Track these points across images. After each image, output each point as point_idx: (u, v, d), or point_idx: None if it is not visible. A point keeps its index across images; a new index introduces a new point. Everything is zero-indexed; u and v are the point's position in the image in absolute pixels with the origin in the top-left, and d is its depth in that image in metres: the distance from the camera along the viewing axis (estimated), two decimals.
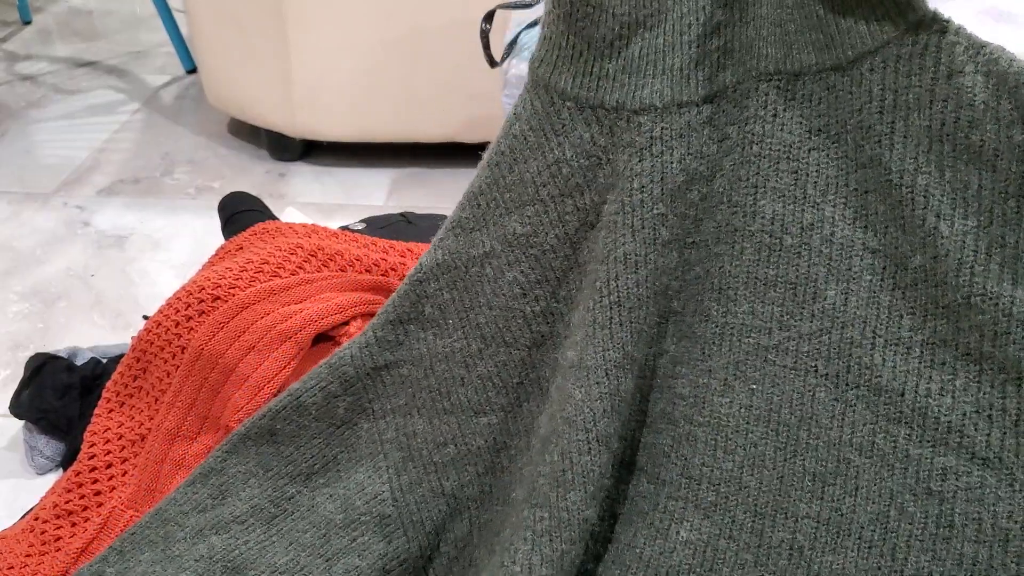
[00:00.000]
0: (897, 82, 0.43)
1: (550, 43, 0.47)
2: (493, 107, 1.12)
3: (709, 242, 0.47)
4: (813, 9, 0.43)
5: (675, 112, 0.45)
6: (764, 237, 0.45)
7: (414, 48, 1.18)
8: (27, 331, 0.96)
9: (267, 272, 0.76)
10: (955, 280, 0.40)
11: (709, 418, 0.47)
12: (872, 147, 0.43)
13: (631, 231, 0.45)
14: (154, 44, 1.80)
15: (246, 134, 1.40)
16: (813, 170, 0.45)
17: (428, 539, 0.52)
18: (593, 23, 0.45)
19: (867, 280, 0.44)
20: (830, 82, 0.44)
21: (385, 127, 1.26)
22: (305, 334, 0.71)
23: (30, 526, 0.68)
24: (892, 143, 0.42)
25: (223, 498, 0.53)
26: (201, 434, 0.72)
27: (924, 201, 0.41)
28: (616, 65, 0.45)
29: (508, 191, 0.49)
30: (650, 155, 0.44)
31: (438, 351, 0.51)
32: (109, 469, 0.71)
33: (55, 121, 1.48)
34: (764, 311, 0.46)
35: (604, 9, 0.44)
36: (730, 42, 0.44)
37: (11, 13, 1.97)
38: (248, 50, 1.23)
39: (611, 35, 0.44)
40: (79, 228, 1.16)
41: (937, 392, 0.41)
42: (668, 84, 0.45)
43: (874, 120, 0.43)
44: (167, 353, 0.73)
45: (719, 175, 0.46)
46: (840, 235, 0.44)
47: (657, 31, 0.44)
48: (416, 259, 0.84)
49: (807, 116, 0.45)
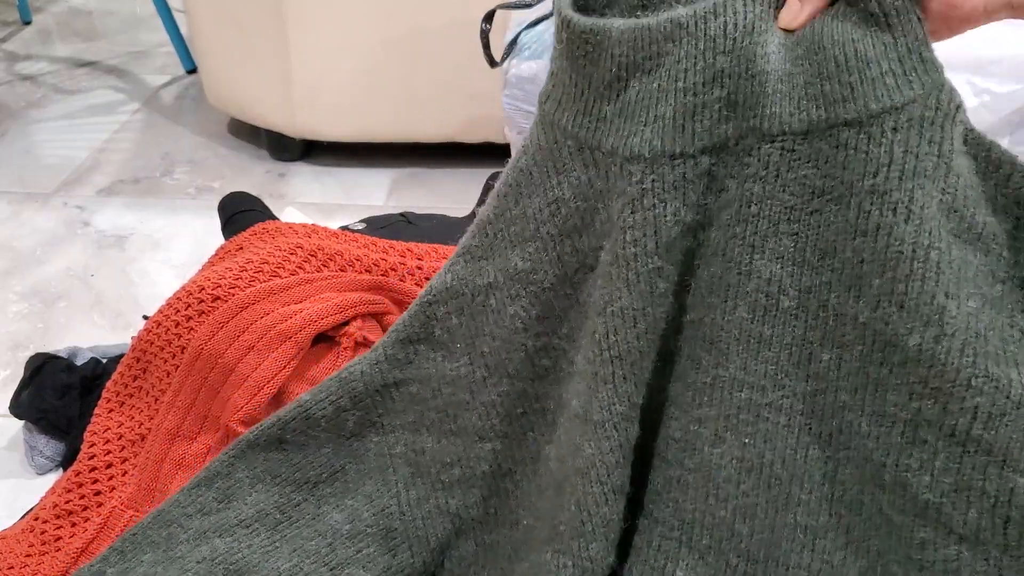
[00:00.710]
0: (920, 146, 0.40)
1: (555, 79, 0.45)
2: (493, 107, 1.12)
3: (703, 289, 0.45)
4: (831, 55, 0.40)
5: (667, 164, 0.42)
6: (760, 297, 0.44)
7: (414, 48, 1.18)
8: (27, 331, 0.96)
9: (267, 272, 0.76)
10: (957, 360, 0.39)
11: (700, 465, 0.46)
12: (884, 215, 0.40)
13: (627, 285, 0.43)
14: (154, 44, 1.80)
15: (246, 134, 1.40)
16: (813, 233, 0.42)
17: (432, 555, 0.52)
18: (592, 62, 0.43)
19: (858, 350, 0.42)
20: (842, 139, 0.41)
21: (385, 127, 1.26)
22: (305, 334, 0.71)
23: (30, 526, 0.68)
24: (910, 213, 0.39)
25: (228, 502, 0.53)
26: (201, 434, 0.72)
27: (935, 278, 0.39)
28: (613, 108, 0.43)
29: (513, 224, 0.48)
30: (642, 207, 0.42)
31: (445, 374, 0.51)
32: (109, 469, 0.71)
33: (55, 121, 1.48)
34: (757, 368, 0.45)
35: (603, 49, 0.42)
36: (733, 94, 0.41)
37: (11, 13, 1.97)
38: (248, 50, 1.23)
39: (609, 76, 0.42)
40: (79, 228, 1.16)
41: (916, 468, 0.41)
42: (659, 134, 0.42)
43: (892, 186, 0.40)
44: (167, 353, 0.73)
45: (715, 226, 0.44)
46: (834, 302, 0.42)
47: (653, 75, 0.41)
48: (416, 259, 0.84)
49: (811, 176, 0.42)
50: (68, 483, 0.70)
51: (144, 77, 1.65)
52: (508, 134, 1.09)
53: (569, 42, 0.43)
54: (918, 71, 0.40)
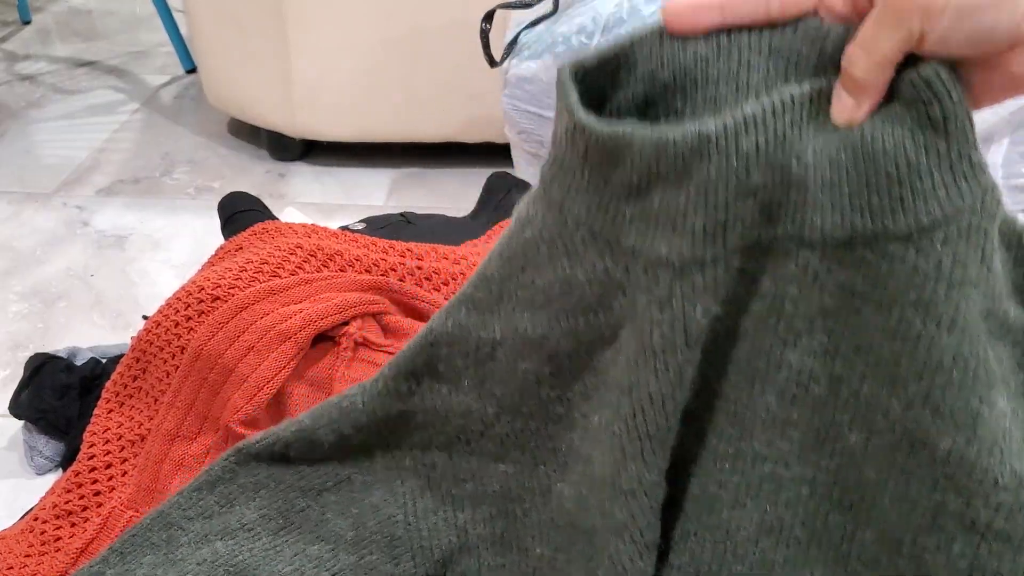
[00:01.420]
0: (968, 255, 0.37)
1: (561, 166, 0.41)
2: (493, 107, 1.12)
3: (729, 368, 0.43)
4: (882, 166, 0.37)
5: (697, 270, 0.39)
6: (790, 385, 0.42)
7: (414, 48, 1.18)
8: (27, 331, 0.96)
9: (267, 272, 0.76)
10: (986, 461, 0.38)
11: (718, 524, 0.46)
12: (927, 326, 0.38)
13: (655, 373, 0.41)
14: (154, 44, 1.80)
15: (246, 134, 1.40)
16: (850, 332, 0.40)
17: (435, 568, 0.51)
18: (610, 166, 0.39)
19: (887, 437, 0.41)
20: (889, 250, 0.38)
21: (385, 127, 1.26)
22: (305, 334, 0.71)
23: (29, 526, 0.68)
24: (953, 324, 0.38)
25: (231, 506, 0.53)
26: (201, 434, 0.72)
27: (971, 386, 0.38)
28: (634, 210, 0.39)
29: (520, 289, 0.45)
30: (670, 308, 0.39)
31: (453, 407, 0.49)
32: (109, 469, 0.71)
33: (55, 121, 1.48)
34: (782, 445, 0.43)
35: (623, 157, 0.38)
36: (768, 204, 0.38)
37: (11, 13, 1.96)
38: (248, 50, 1.23)
39: (628, 180, 0.39)
40: (79, 228, 1.16)
41: (934, 548, 0.41)
42: (688, 242, 0.38)
43: (939, 299, 0.37)
44: (167, 353, 0.73)
45: (747, 313, 0.42)
46: (866, 392, 0.41)
47: (680, 189, 0.38)
48: (416, 259, 0.84)
49: (852, 281, 0.39)
50: (67, 483, 0.70)
51: (144, 77, 1.65)
52: (508, 134, 1.09)
53: (583, 146, 0.39)
54: (968, 178, 0.37)
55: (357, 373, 0.72)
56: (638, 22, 0.90)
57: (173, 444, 0.71)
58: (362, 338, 0.74)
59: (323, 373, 0.72)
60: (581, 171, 0.41)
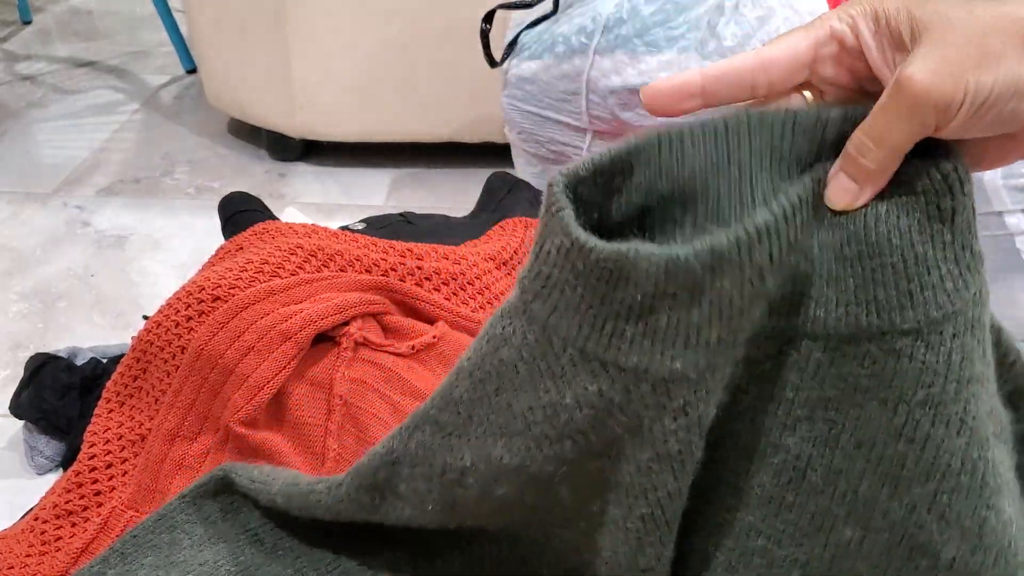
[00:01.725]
0: (974, 350, 0.36)
1: (547, 282, 0.38)
2: (493, 107, 1.12)
3: (727, 444, 0.42)
4: (887, 260, 0.35)
5: (710, 375, 0.37)
6: (786, 468, 0.41)
7: (414, 48, 1.18)
8: (27, 331, 0.96)
9: (267, 272, 0.76)
10: (990, 571, 0.37)
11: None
12: (936, 427, 0.36)
13: (672, 474, 0.39)
14: (154, 44, 1.80)
15: (246, 134, 1.40)
16: (851, 424, 0.38)
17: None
18: (611, 287, 0.36)
19: (884, 537, 0.39)
20: (896, 346, 0.36)
21: (385, 127, 1.26)
22: (305, 334, 0.71)
23: (30, 526, 0.68)
24: (962, 425, 0.36)
25: (236, 515, 0.54)
26: (201, 434, 0.72)
27: (979, 491, 0.37)
28: (638, 330, 0.36)
29: (493, 413, 0.41)
30: (684, 415, 0.37)
31: (415, 519, 0.46)
32: (109, 469, 0.71)
33: (55, 121, 1.48)
34: (776, 524, 0.42)
35: (627, 278, 0.35)
36: (776, 301, 0.37)
37: (11, 13, 1.97)
38: (248, 50, 1.23)
39: (630, 300, 0.36)
40: (79, 228, 1.16)
41: None
42: (704, 355, 0.36)
43: (948, 398, 0.36)
44: (167, 353, 0.73)
45: (748, 393, 0.41)
46: (865, 490, 0.39)
47: (692, 307, 0.35)
48: (416, 259, 0.84)
49: (856, 375, 0.38)
50: (68, 483, 0.70)
51: (144, 77, 1.65)
52: (508, 134, 1.09)
53: (580, 265, 0.36)
54: (971, 268, 0.36)
55: (357, 373, 0.72)
56: (638, 22, 0.90)
57: (174, 444, 0.71)
58: (362, 338, 0.74)
59: (323, 373, 0.72)
60: (573, 289, 0.37)
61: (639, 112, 0.93)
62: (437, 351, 0.77)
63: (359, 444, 0.71)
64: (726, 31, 0.90)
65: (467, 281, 0.85)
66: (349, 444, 0.71)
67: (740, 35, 0.90)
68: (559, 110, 0.99)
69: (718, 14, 0.90)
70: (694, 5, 0.89)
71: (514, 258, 0.91)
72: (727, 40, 0.90)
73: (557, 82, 0.97)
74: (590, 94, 0.95)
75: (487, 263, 0.88)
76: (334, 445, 0.70)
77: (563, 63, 0.95)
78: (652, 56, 0.90)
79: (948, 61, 0.31)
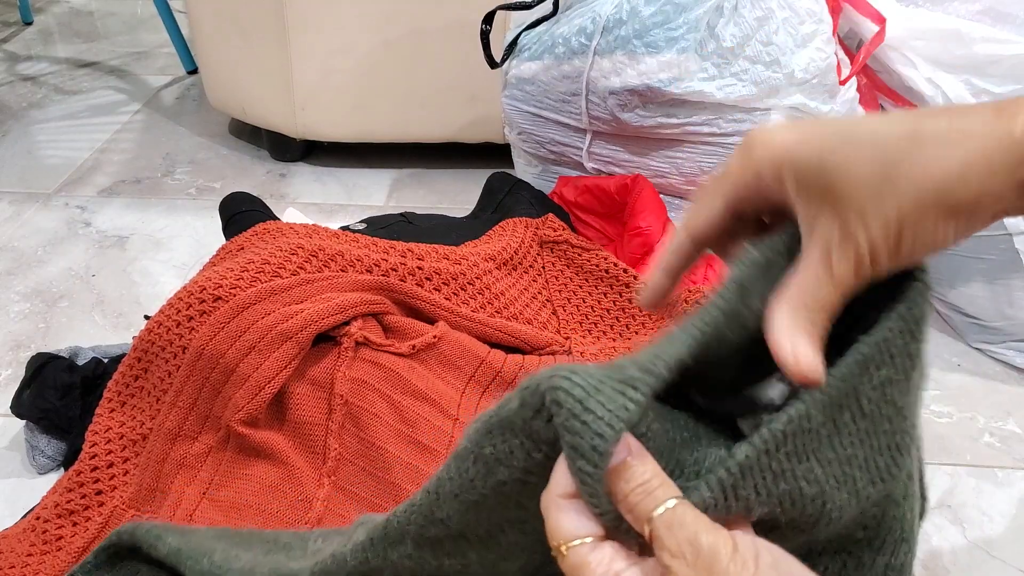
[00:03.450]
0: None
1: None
2: (493, 107, 1.12)
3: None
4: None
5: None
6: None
7: (414, 48, 1.18)
8: (28, 331, 0.96)
9: (268, 272, 0.77)
10: None
11: None
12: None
13: None
14: (155, 45, 1.80)
15: (247, 135, 1.40)
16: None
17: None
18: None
19: None
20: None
21: (385, 127, 1.26)
22: (306, 334, 0.71)
23: (31, 525, 0.68)
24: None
25: (249, 546, 0.55)
26: (202, 434, 0.72)
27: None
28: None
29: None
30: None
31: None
32: (110, 469, 0.71)
33: (56, 121, 1.48)
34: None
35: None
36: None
37: (12, 14, 1.97)
38: (249, 51, 1.23)
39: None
40: (80, 228, 1.17)
41: None
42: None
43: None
44: (168, 353, 0.73)
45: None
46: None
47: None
48: (417, 259, 0.84)
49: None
50: (69, 482, 0.70)
51: (145, 78, 1.66)
52: (508, 134, 1.09)
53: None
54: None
55: (358, 373, 0.72)
56: (637, 23, 0.90)
57: (175, 444, 0.71)
58: (363, 338, 0.74)
59: (324, 373, 0.73)
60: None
61: (639, 113, 0.94)
62: (437, 351, 0.77)
63: (359, 443, 0.71)
64: (725, 32, 0.90)
65: (467, 281, 0.85)
66: (350, 443, 0.71)
67: (739, 36, 0.90)
68: (559, 111, 0.99)
69: (717, 15, 0.90)
70: (693, 6, 0.89)
71: (514, 258, 0.91)
72: (726, 41, 0.90)
73: (557, 83, 0.97)
74: (590, 95, 0.95)
75: (487, 263, 0.88)
76: (335, 444, 0.70)
77: (563, 64, 0.96)
78: (652, 57, 0.90)
79: (862, 254, 0.31)
